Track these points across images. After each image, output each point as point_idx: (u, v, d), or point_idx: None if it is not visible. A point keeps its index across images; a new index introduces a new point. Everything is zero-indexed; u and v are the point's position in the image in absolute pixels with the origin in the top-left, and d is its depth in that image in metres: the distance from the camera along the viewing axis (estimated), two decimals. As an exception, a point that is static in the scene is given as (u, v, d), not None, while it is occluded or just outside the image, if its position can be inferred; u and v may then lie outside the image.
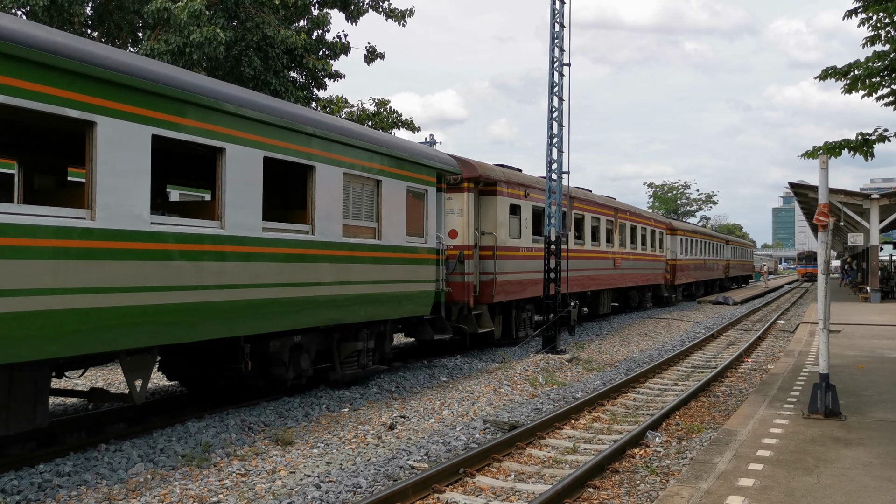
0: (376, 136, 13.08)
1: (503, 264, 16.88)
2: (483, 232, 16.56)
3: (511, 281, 17.34)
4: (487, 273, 16.45)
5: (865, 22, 12.78)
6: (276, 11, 21.05)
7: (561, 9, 17.04)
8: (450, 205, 15.77)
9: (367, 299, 12.15)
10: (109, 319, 7.76)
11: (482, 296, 16.32)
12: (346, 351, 12.17)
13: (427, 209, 13.96)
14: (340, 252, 11.43)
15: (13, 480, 7.22)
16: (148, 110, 8.23)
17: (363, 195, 12.22)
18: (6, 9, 18.40)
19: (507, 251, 17.21)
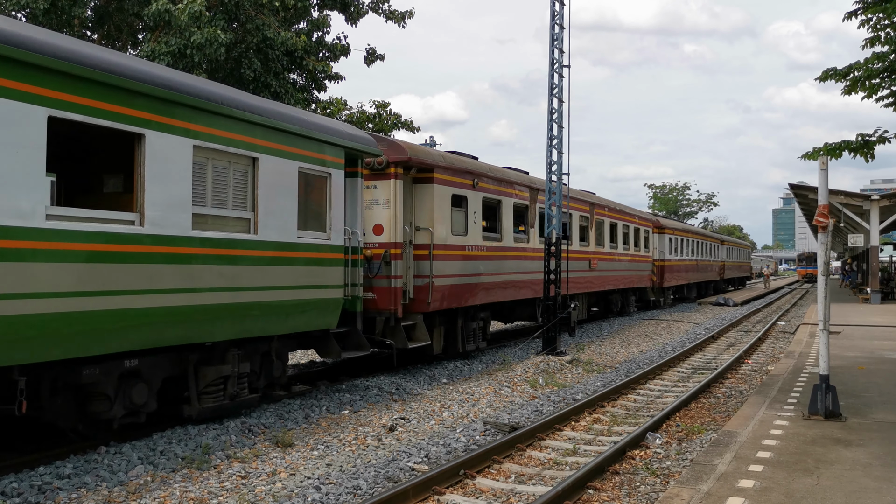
0: (250, 100, 10.14)
1: (443, 265, 14.33)
2: (418, 227, 13.99)
3: (455, 285, 14.80)
4: (423, 276, 13.91)
5: (865, 23, 12.79)
6: (276, 13, 21.07)
7: (560, 10, 17.05)
8: (373, 194, 13.37)
9: (235, 311, 9.48)
10: None
11: (416, 303, 13.79)
12: (208, 378, 9.53)
13: (331, 197, 11.31)
14: (188, 249, 8.79)
15: (13, 483, 7.22)
16: None
17: (230, 177, 9.56)
18: (6, 11, 18.42)
19: (449, 250, 14.62)
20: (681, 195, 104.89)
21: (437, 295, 14.11)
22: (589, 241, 23.53)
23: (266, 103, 10.80)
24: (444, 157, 15.04)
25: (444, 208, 14.53)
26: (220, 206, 9.49)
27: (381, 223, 13.43)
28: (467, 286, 15.39)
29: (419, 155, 14.08)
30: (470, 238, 15.55)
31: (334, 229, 11.43)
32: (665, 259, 33.91)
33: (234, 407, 10.03)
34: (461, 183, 15.28)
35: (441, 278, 14.27)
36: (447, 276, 14.50)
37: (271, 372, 10.81)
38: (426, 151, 14.73)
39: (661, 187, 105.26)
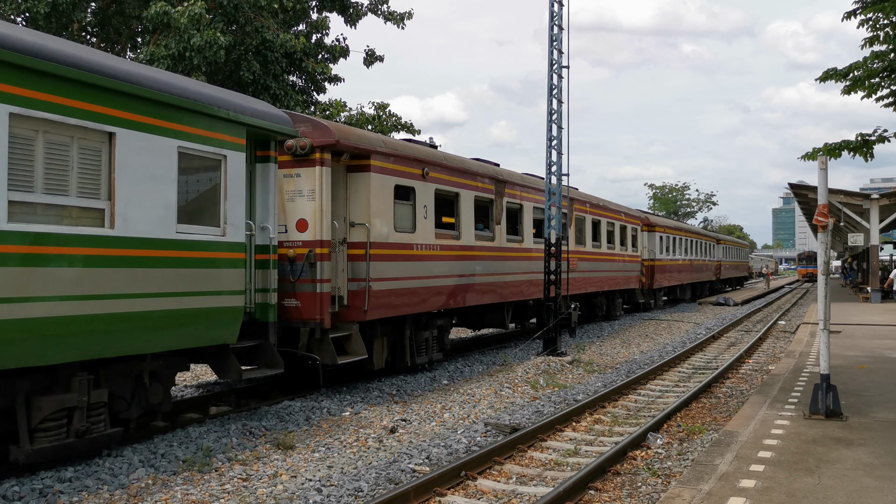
0: (102, 60, 8.18)
1: (384, 267, 12.46)
2: (353, 223, 12.16)
3: (400, 290, 12.96)
4: (359, 279, 12.04)
5: (865, 23, 12.80)
6: (275, 15, 21.09)
7: (559, 11, 17.06)
8: (296, 184, 11.59)
9: (80, 325, 7.58)
10: None
11: (351, 311, 11.99)
12: (45, 410, 7.55)
13: (226, 185, 9.45)
14: (2, 248, 6.92)
15: (14, 486, 7.22)
16: None
17: (72, 156, 7.65)
18: (5, 15, 18.43)
19: (392, 249, 12.76)
20: (681, 195, 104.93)
21: (377, 301, 12.24)
22: (568, 239, 21.08)
23: (128, 65, 8.75)
24: (385, 142, 13.14)
25: (385, 201, 12.61)
26: (58, 193, 7.51)
27: (306, 218, 11.56)
28: (416, 290, 13.48)
29: (351, 138, 12.08)
30: (419, 235, 13.60)
31: (231, 223, 9.49)
32: (655, 259, 32.10)
33: (84, 446, 7.90)
34: (407, 172, 13.31)
35: (381, 282, 12.38)
36: (389, 278, 12.64)
37: (147, 399, 8.82)
38: (360, 135, 12.72)
39: (661, 187, 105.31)
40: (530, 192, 18.75)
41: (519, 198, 18.06)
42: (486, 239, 16.28)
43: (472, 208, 15.66)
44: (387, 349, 13.29)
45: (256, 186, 10.41)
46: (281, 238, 11.20)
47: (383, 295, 12.47)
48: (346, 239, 12.13)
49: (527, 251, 18.38)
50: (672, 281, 35.81)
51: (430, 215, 14.04)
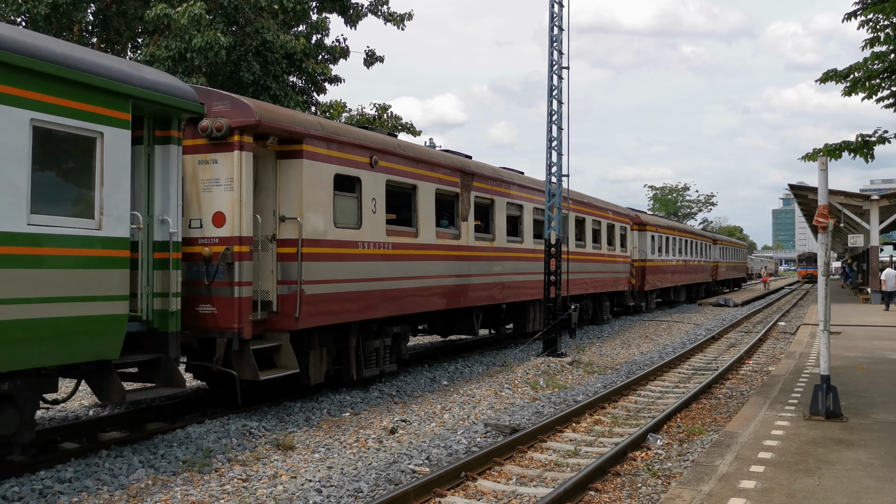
0: None
1: (320, 268, 10.97)
2: (284, 217, 10.68)
3: (341, 294, 11.41)
4: (290, 282, 10.53)
5: (865, 24, 12.81)
6: (276, 16, 21.09)
7: (559, 12, 17.07)
8: (213, 172, 10.11)
9: None
10: None
11: (281, 318, 10.53)
12: None
13: (104, 168, 7.88)
14: None
15: (14, 487, 7.22)
16: None
17: None
18: (6, 17, 18.45)
19: (330, 247, 11.26)
20: (680, 196, 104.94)
21: (312, 307, 10.77)
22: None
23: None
24: (323, 125, 11.49)
25: (322, 192, 11.10)
26: None
27: (223, 211, 10.05)
28: (363, 294, 11.94)
29: (277, 119, 10.53)
30: (366, 232, 12.08)
31: (111, 215, 7.95)
32: (647, 259, 30.50)
33: None
34: (351, 160, 11.79)
35: (318, 284, 10.87)
36: (328, 281, 11.12)
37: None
38: (290, 116, 11.13)
39: (660, 188, 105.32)
40: (505, 187, 17.25)
41: (491, 192, 16.51)
42: (450, 237, 14.79)
43: (433, 203, 14.12)
44: (327, 361, 11.70)
45: (155, 172, 8.86)
46: (196, 234, 10.06)
47: (320, 300, 10.97)
48: (276, 236, 10.67)
49: (500, 251, 16.89)
50: (665, 282, 34.43)
51: (380, 210, 12.47)
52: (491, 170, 17.04)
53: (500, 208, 16.99)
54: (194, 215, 10.16)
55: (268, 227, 10.66)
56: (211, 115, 9.96)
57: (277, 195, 10.76)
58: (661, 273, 33.16)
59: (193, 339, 9.90)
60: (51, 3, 17.82)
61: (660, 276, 33.00)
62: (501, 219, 17.07)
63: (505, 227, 17.22)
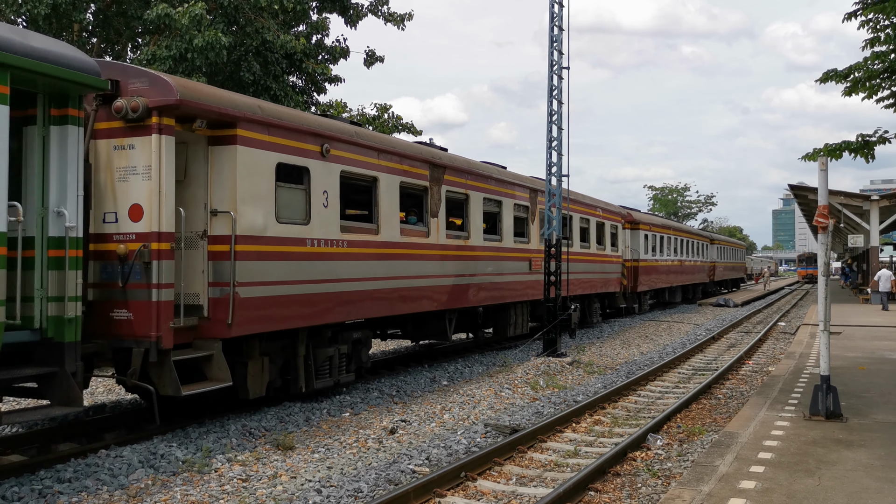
0: None
1: (258, 268, 9.88)
2: (216, 211, 9.56)
3: (285, 297, 10.35)
4: (223, 283, 9.45)
5: (865, 24, 12.81)
6: (276, 16, 21.10)
7: (560, 12, 17.07)
8: (129, 158, 8.93)
9: None
10: None
11: (212, 325, 9.43)
12: None
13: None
14: None
15: (14, 487, 7.22)
16: None
17: None
18: (6, 17, 18.45)
19: (270, 245, 10.15)
20: (681, 196, 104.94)
21: (249, 312, 9.67)
22: (529, 236, 18.62)
23: None
24: (263, 108, 10.34)
25: (261, 183, 9.99)
26: None
27: (141, 203, 8.89)
28: (313, 297, 10.84)
29: (203, 99, 9.33)
30: (316, 228, 10.96)
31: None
32: (640, 259, 29.49)
33: None
34: (297, 148, 10.70)
35: (256, 287, 9.79)
36: (268, 282, 10.03)
37: None
38: (221, 96, 9.80)
39: (661, 188, 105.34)
40: (481, 181, 16.14)
41: (465, 186, 15.39)
42: (417, 234, 13.72)
43: (398, 197, 13.04)
44: (270, 372, 10.58)
45: (51, 157, 7.79)
46: (110, 229, 8.99)
47: (259, 304, 9.85)
48: (208, 231, 9.56)
49: (475, 249, 15.77)
50: (659, 283, 33.39)
51: (333, 204, 11.35)
52: (465, 162, 15.96)
53: (475, 204, 15.90)
54: (109, 208, 9.01)
55: (198, 222, 9.57)
56: (127, 93, 8.85)
57: (209, 186, 9.61)
58: (655, 273, 32.22)
59: (108, 349, 8.81)
60: (51, 3, 17.82)
61: (654, 277, 32.04)
62: (477, 215, 15.99)
63: (481, 225, 16.18)
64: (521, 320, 18.65)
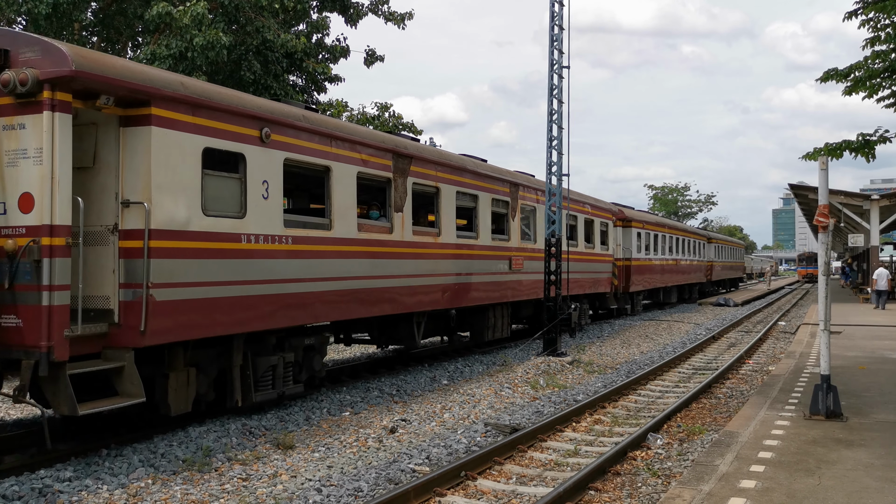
0: None
1: (177, 267, 8.66)
2: (128, 201, 8.33)
3: (212, 300, 9.10)
4: (136, 285, 8.26)
5: (866, 23, 12.81)
6: (276, 15, 21.09)
7: (560, 11, 17.06)
8: (19, 140, 7.83)
9: None
10: None
11: (123, 332, 8.22)
12: None
13: None
14: None
15: (14, 486, 7.22)
16: None
17: None
18: (7, 16, 18.45)
19: (195, 241, 8.92)
20: (681, 196, 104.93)
21: (166, 317, 8.46)
22: (509, 233, 17.47)
23: None
24: (185, 85, 9.02)
25: (184, 171, 8.75)
26: None
27: (32, 191, 7.76)
28: (250, 300, 9.65)
29: (106, 71, 8.08)
30: (252, 223, 9.73)
31: None
32: (632, 258, 28.37)
33: None
34: (230, 132, 9.45)
35: (175, 288, 8.59)
36: (191, 283, 8.81)
37: None
38: (130, 69, 8.47)
39: (661, 188, 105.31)
40: (454, 173, 14.90)
41: (435, 179, 14.20)
42: (377, 230, 12.51)
43: (355, 189, 11.83)
44: (199, 384, 9.47)
45: None
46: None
47: (181, 308, 8.66)
48: (119, 225, 8.38)
49: (447, 247, 14.60)
50: (653, 283, 32.20)
51: (275, 196, 10.17)
52: (435, 153, 14.80)
53: (447, 198, 14.64)
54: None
55: (108, 215, 8.42)
56: (17, 65, 7.77)
57: (121, 174, 8.38)
58: (648, 273, 30.98)
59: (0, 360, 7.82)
60: (51, 2, 17.82)
61: (647, 277, 30.89)
62: (450, 210, 14.73)
63: (454, 221, 14.93)
64: (500, 323, 17.53)
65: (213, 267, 9.13)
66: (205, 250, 9.06)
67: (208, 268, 9.09)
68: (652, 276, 31.72)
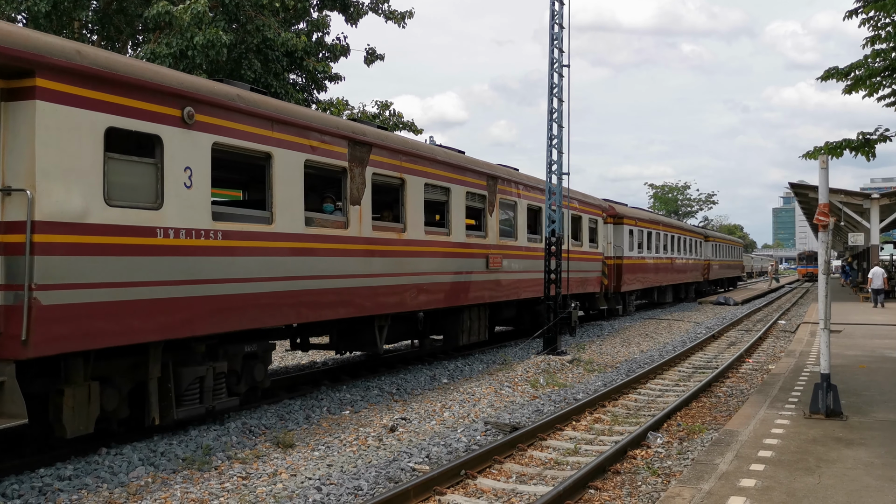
0: None
1: (72, 266, 7.48)
2: (9, 189, 7.21)
3: (119, 304, 7.90)
4: (16, 287, 7.13)
5: (866, 22, 12.80)
6: (276, 14, 21.08)
7: (560, 10, 17.05)
8: None
9: None
10: None
11: (3, 343, 7.07)
12: None
13: None
14: None
15: (14, 484, 7.23)
16: None
17: None
18: (6, 14, 18.44)
19: (95, 235, 7.73)
20: (681, 195, 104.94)
21: (58, 325, 7.29)
22: (487, 230, 16.26)
23: None
24: (82, 53, 7.72)
25: (80, 153, 7.58)
26: None
27: None
28: (169, 303, 8.44)
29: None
30: (170, 215, 8.49)
31: None
32: (624, 256, 27.22)
33: None
34: (141, 110, 8.22)
35: (70, 290, 7.41)
36: (92, 284, 7.62)
37: None
38: (10, 31, 7.24)
39: (661, 187, 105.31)
40: (421, 164, 13.67)
41: (399, 170, 12.99)
42: (331, 225, 11.37)
43: (302, 180, 10.63)
44: (107, 400, 8.30)
45: None
46: None
47: (78, 313, 7.45)
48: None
49: (414, 244, 13.41)
50: (646, 283, 30.95)
51: (200, 185, 8.93)
52: (399, 140, 13.49)
53: (414, 191, 13.43)
54: None
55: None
56: None
57: (2, 156, 7.25)
58: (641, 272, 29.70)
59: None
60: (51, 0, 17.82)
61: (640, 276, 29.57)
62: (417, 204, 13.53)
63: (422, 215, 13.70)
64: (477, 326, 16.25)
65: (119, 265, 7.90)
66: (109, 246, 7.82)
67: (113, 266, 7.85)
68: (645, 276, 30.60)
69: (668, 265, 34.64)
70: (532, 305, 19.31)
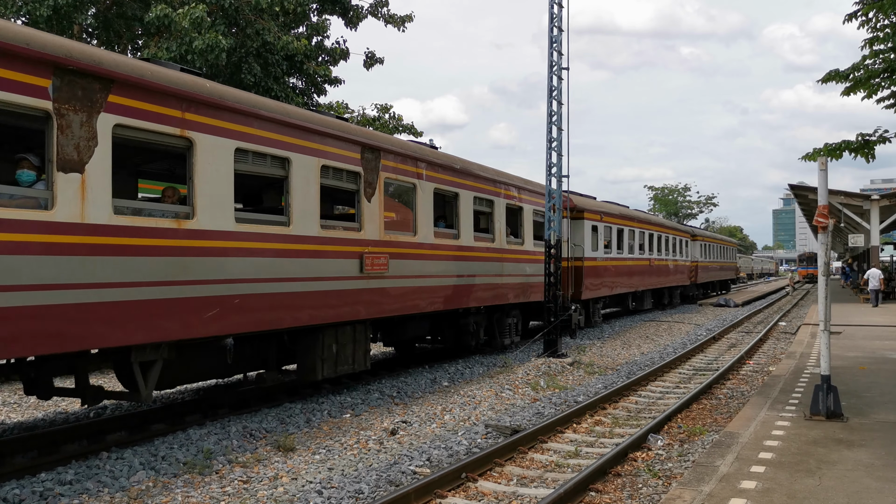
0: None
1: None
2: None
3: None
4: None
5: (865, 23, 12.82)
6: (276, 18, 21.11)
7: (559, 13, 17.07)
8: None
9: None
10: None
11: None
12: None
13: None
14: None
15: (15, 489, 7.23)
16: None
17: None
18: (6, 17, 18.47)
19: None
20: (681, 196, 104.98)
21: None
22: (362, 220, 11.96)
23: None
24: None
25: None
26: None
27: None
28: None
29: None
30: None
31: None
32: (584, 257, 22.43)
33: None
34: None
35: None
36: None
37: None
38: None
39: (660, 189, 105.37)
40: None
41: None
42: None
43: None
44: None
45: None
46: None
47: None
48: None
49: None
50: (616, 287, 26.24)
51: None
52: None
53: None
54: None
55: None
56: None
57: None
58: (608, 276, 25.03)
59: None
60: (52, 4, 17.84)
61: (607, 280, 24.95)
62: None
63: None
64: (350, 350, 12.11)
65: None
66: None
67: None
68: (614, 280, 25.80)
69: (644, 267, 30.03)
70: (459, 317, 15.93)
